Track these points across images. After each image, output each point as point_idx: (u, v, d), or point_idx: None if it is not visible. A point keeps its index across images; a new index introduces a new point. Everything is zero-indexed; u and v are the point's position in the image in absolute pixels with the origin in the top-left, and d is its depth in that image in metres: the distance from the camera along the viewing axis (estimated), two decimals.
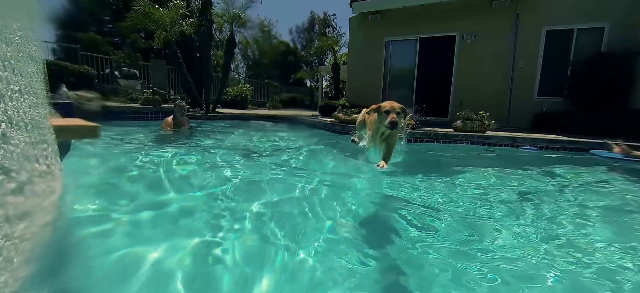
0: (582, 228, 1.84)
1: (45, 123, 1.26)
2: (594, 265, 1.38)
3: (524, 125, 6.97)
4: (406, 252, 1.48)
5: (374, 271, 1.30)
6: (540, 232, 1.74)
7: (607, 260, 1.44)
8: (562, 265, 1.37)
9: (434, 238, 1.62)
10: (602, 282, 1.26)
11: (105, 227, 1.53)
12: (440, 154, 4.52)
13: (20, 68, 1.02)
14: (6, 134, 0.82)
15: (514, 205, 2.21)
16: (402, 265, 1.35)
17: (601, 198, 2.47)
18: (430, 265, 1.36)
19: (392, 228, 1.80)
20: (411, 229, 1.72)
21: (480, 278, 1.24)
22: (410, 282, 1.25)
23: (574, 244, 1.60)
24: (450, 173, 3.16)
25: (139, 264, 1.23)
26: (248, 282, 1.18)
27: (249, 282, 1.18)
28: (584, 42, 6.69)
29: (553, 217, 1.99)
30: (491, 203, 2.21)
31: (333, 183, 2.61)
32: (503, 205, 2.19)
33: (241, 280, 1.19)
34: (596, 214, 2.07)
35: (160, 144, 4.19)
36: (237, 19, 9.25)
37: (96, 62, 9.97)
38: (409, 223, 1.79)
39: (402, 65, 8.87)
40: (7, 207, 0.79)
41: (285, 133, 6.13)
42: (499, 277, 1.25)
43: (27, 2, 1.26)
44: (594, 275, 1.31)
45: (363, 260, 1.36)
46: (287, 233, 1.57)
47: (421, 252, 1.47)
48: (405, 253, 1.46)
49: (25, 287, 0.84)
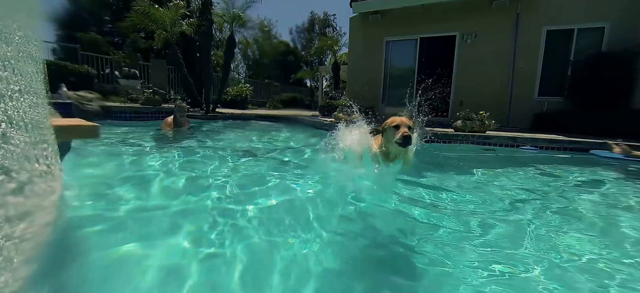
0: (581, 228, 1.84)
1: (46, 123, 1.26)
2: (591, 264, 1.38)
3: (524, 125, 6.97)
4: (407, 249, 1.48)
5: (375, 270, 1.30)
6: (538, 231, 1.74)
7: (605, 260, 1.44)
8: (559, 263, 1.37)
9: (435, 236, 1.62)
10: (596, 281, 1.26)
11: (104, 227, 1.53)
12: (440, 154, 4.52)
13: (20, 68, 1.02)
14: (6, 134, 0.82)
15: (513, 204, 2.21)
16: (404, 263, 1.35)
17: (601, 198, 2.47)
18: (431, 263, 1.36)
19: (393, 226, 1.80)
20: (412, 227, 1.72)
21: (479, 274, 1.24)
22: (410, 280, 1.25)
23: (570, 242, 1.60)
24: (450, 173, 3.16)
25: (139, 264, 1.23)
26: (248, 283, 1.18)
27: (250, 283, 1.18)
28: (584, 42, 6.69)
29: (550, 215, 1.99)
30: (491, 204, 2.21)
31: (333, 183, 2.61)
32: (502, 204, 2.19)
33: (241, 280, 1.19)
34: (595, 214, 2.07)
35: (160, 144, 4.19)
36: (237, 19, 9.26)
37: (96, 62, 9.98)
38: (410, 221, 1.79)
39: (402, 65, 8.87)
40: (7, 207, 0.79)
41: (285, 133, 6.13)
42: (499, 277, 1.24)
43: (27, 2, 1.26)
44: (589, 274, 1.31)
45: (365, 260, 1.36)
46: (287, 234, 1.57)
47: (421, 250, 1.46)
48: (407, 251, 1.46)
49: (25, 287, 0.84)
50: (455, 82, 8.13)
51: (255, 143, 4.80)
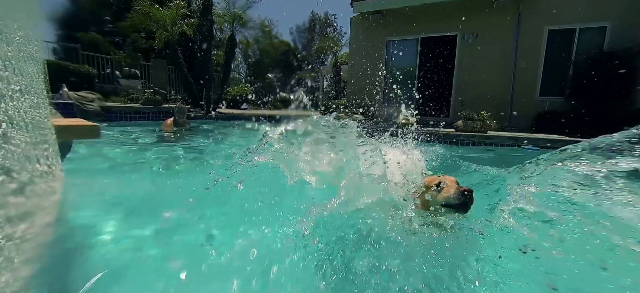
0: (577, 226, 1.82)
1: (47, 123, 1.26)
2: (587, 264, 1.37)
3: (526, 124, 6.95)
4: (409, 247, 1.47)
5: (376, 267, 1.30)
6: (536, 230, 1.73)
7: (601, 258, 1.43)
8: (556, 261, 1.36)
9: (437, 233, 1.61)
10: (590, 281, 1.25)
11: (104, 228, 1.52)
12: (440, 154, 4.51)
13: (21, 68, 1.01)
14: (7, 134, 0.81)
15: (512, 203, 2.20)
16: (407, 260, 1.34)
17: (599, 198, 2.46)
18: (432, 259, 1.35)
19: (395, 225, 1.79)
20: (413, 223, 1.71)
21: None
22: (412, 278, 1.24)
23: (567, 240, 1.59)
24: (450, 173, 3.15)
25: (139, 264, 1.23)
26: (248, 283, 1.17)
27: (250, 283, 1.17)
28: (586, 42, 6.67)
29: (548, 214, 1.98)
30: (489, 203, 2.20)
31: (334, 182, 2.60)
32: (501, 202, 2.17)
33: (240, 280, 1.19)
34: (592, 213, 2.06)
35: (160, 144, 4.19)
36: (238, 19, 9.26)
37: (97, 62, 9.99)
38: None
39: (403, 65, 8.86)
40: (8, 207, 0.79)
41: (286, 133, 6.12)
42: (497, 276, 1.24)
43: (28, 2, 1.25)
44: (585, 273, 1.30)
45: (368, 257, 1.35)
46: (288, 234, 1.57)
47: (422, 247, 1.46)
48: (409, 249, 1.45)
49: (26, 287, 0.84)
50: (456, 82, 8.11)
51: (255, 143, 4.79)
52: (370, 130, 2.53)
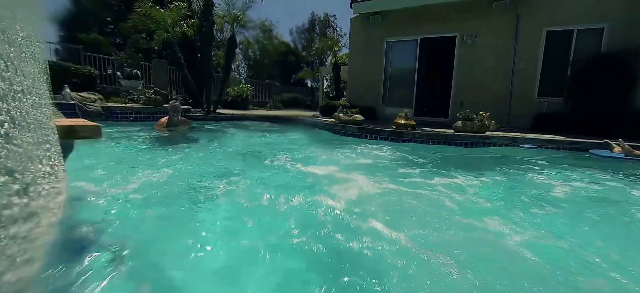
0: (577, 226, 1.84)
1: (49, 123, 1.28)
2: (588, 264, 1.39)
3: (524, 125, 6.96)
4: (410, 246, 1.49)
5: (376, 268, 1.31)
6: (534, 230, 1.74)
7: (602, 258, 1.45)
8: (557, 260, 1.38)
9: (436, 234, 1.63)
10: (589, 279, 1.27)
11: (104, 227, 1.54)
12: (441, 154, 4.52)
13: (23, 68, 1.03)
14: (9, 134, 0.83)
15: (511, 204, 2.22)
16: (407, 258, 1.36)
17: (600, 198, 2.47)
18: (431, 259, 1.37)
19: (395, 225, 1.81)
20: (413, 224, 1.73)
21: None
22: (413, 277, 1.26)
23: (565, 239, 1.61)
24: (450, 173, 3.17)
25: (138, 264, 1.24)
26: (249, 283, 1.19)
27: (250, 284, 1.19)
28: (584, 43, 6.68)
29: (548, 214, 2.00)
30: (489, 203, 2.22)
31: (334, 182, 2.62)
32: (500, 203, 2.19)
33: (237, 281, 1.21)
34: (593, 213, 2.08)
35: (157, 144, 4.20)
36: (238, 20, 9.28)
37: (98, 62, 10.02)
38: (411, 218, 1.80)
39: (403, 66, 8.87)
40: (11, 207, 0.80)
41: (286, 133, 6.14)
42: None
43: (30, 3, 1.27)
44: (585, 273, 1.32)
45: (368, 259, 1.37)
46: (287, 234, 1.58)
47: (422, 246, 1.47)
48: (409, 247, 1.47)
49: (28, 287, 0.86)
50: (455, 82, 8.13)
51: (255, 143, 4.81)
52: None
